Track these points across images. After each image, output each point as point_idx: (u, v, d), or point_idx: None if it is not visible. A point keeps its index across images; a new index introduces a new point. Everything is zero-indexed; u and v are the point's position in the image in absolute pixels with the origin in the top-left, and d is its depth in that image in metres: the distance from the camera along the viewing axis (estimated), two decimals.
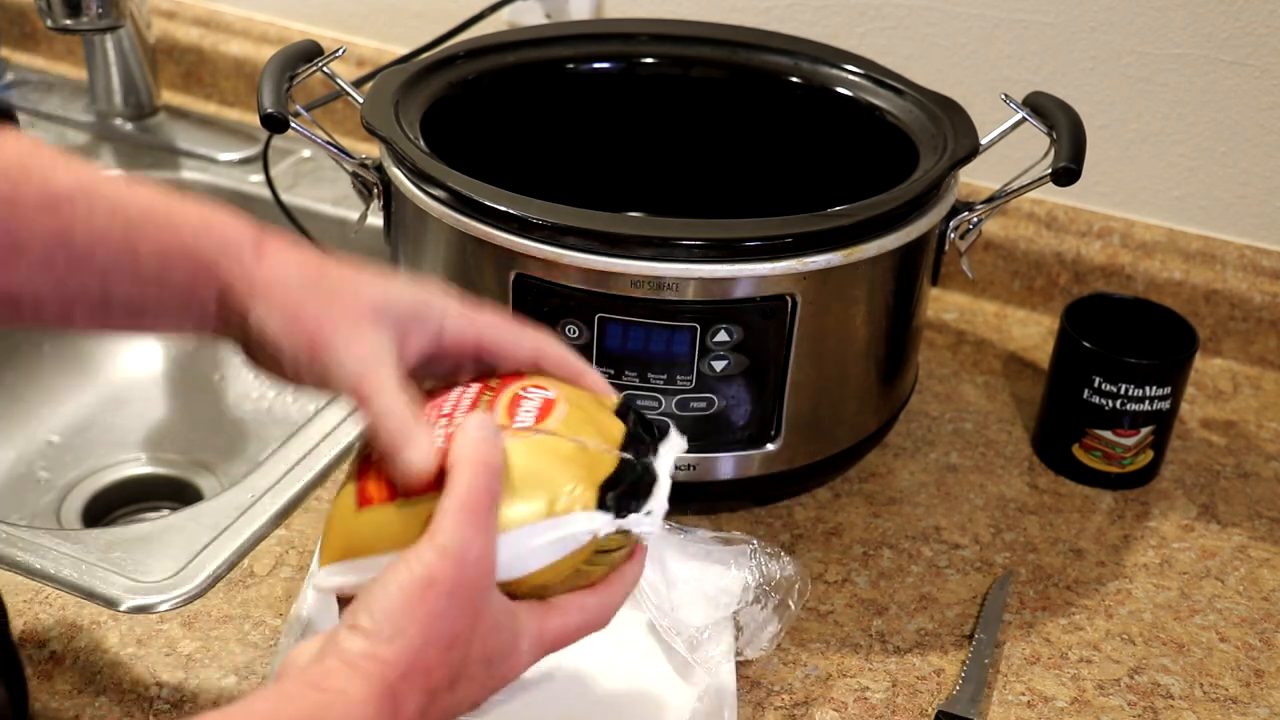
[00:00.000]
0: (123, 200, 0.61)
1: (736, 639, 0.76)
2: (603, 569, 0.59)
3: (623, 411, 0.62)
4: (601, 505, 0.56)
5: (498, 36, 0.98)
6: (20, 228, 0.59)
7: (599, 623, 0.60)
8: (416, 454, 0.56)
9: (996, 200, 0.87)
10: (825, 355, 0.82)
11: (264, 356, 0.61)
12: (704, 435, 0.82)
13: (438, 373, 0.63)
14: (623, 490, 0.57)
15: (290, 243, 0.62)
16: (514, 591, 0.57)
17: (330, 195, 1.20)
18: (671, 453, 0.61)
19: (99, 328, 0.63)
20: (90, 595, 0.79)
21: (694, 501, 0.87)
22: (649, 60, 1.00)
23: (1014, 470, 0.94)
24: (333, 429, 0.93)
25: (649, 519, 0.58)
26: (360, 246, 1.00)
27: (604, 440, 0.59)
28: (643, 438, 0.60)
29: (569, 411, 0.59)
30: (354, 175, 0.87)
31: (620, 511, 0.56)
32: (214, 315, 0.61)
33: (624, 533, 0.57)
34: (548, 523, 0.55)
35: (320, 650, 0.53)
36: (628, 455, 0.59)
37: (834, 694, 0.76)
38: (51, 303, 0.61)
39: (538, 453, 0.57)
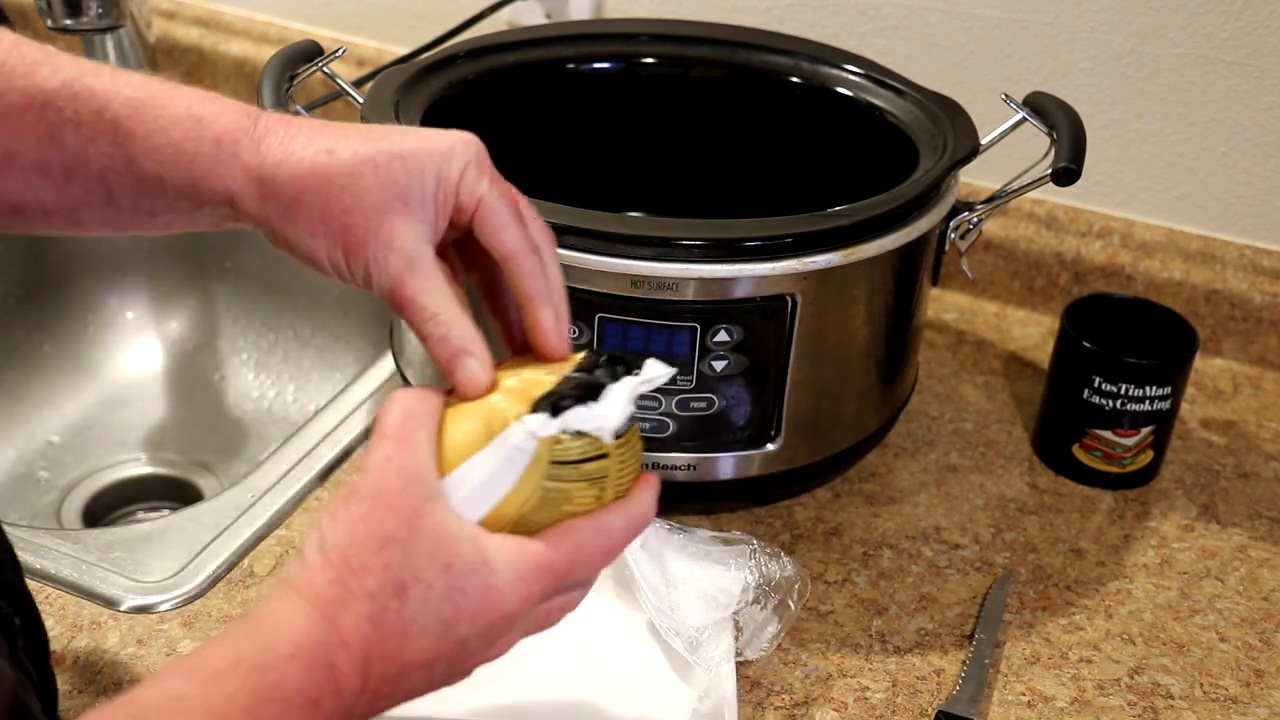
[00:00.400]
0: (109, 97, 0.58)
1: (736, 639, 0.76)
2: (583, 487, 0.55)
3: (588, 362, 0.58)
4: (535, 411, 0.54)
5: (498, 36, 0.98)
6: (8, 133, 0.57)
7: (599, 548, 0.56)
8: (475, 364, 0.56)
9: (996, 200, 0.87)
10: (825, 355, 0.82)
11: (296, 253, 0.59)
12: (704, 435, 0.82)
13: (460, 228, 0.60)
14: (558, 394, 0.55)
15: (286, 121, 0.58)
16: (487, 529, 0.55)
17: None
18: (646, 375, 0.57)
19: (115, 230, 0.61)
20: (90, 595, 0.79)
21: (694, 501, 0.87)
22: (649, 60, 1.00)
23: (1014, 470, 0.94)
24: (333, 429, 0.93)
25: (597, 415, 0.55)
26: None
27: (551, 373, 0.57)
28: (601, 365, 0.57)
29: (516, 360, 0.59)
30: None
31: (556, 411, 0.54)
32: (229, 214, 0.59)
33: (580, 435, 0.55)
34: (488, 449, 0.54)
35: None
36: (571, 374, 0.56)
37: (834, 694, 0.76)
38: (58, 210, 0.59)
39: (477, 398, 0.56)
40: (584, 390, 0.55)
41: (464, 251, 0.62)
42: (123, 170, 0.58)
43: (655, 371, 0.57)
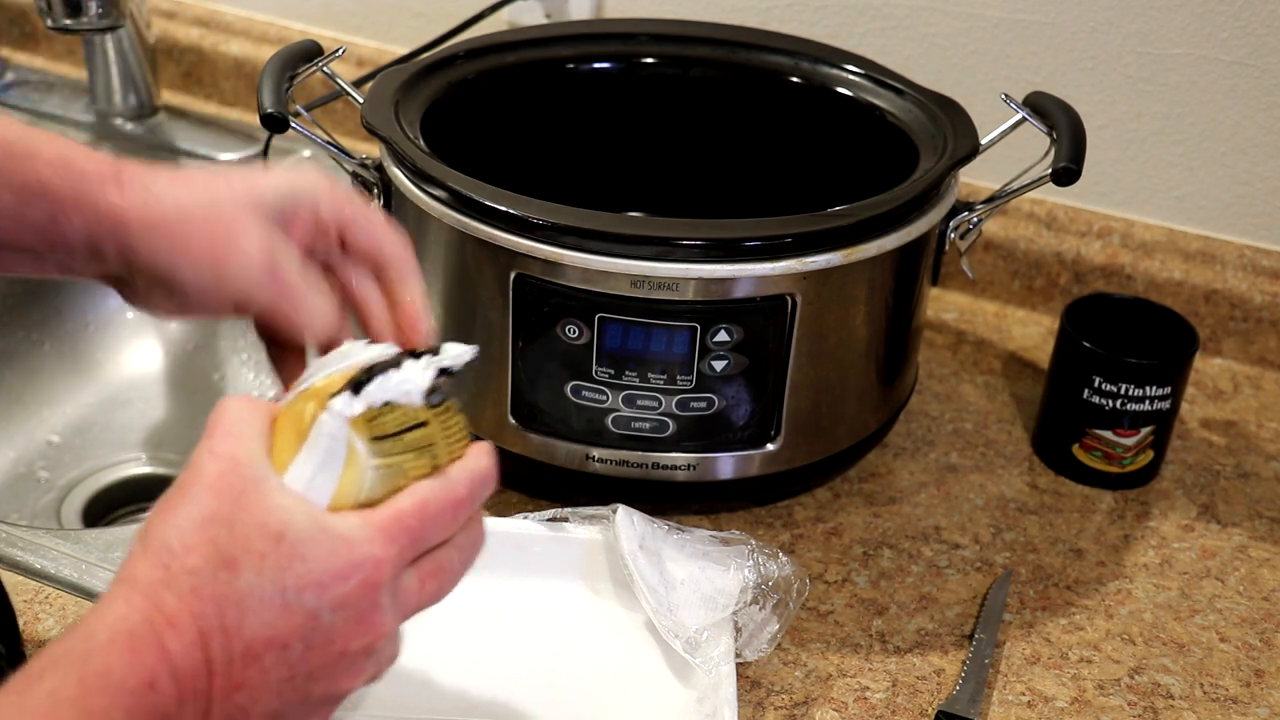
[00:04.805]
0: None
1: (735, 640, 0.76)
2: (413, 458, 0.55)
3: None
4: (337, 396, 0.54)
5: (498, 36, 0.98)
6: None
7: (447, 501, 0.54)
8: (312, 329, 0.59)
9: (996, 200, 0.87)
10: (825, 355, 0.82)
11: (156, 293, 0.60)
12: (704, 435, 0.82)
13: (318, 257, 0.62)
14: (355, 378, 0.54)
15: (148, 167, 0.61)
16: None
17: None
18: (450, 353, 0.57)
19: None
20: (90, 595, 0.79)
21: (694, 501, 0.87)
22: (649, 60, 1.00)
23: (1014, 470, 0.94)
24: None
25: (398, 382, 0.54)
26: None
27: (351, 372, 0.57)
28: (402, 354, 0.57)
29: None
30: (354, 175, 0.87)
31: (356, 390, 0.54)
32: (81, 255, 0.60)
33: (390, 406, 0.54)
34: (306, 446, 0.53)
35: None
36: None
37: (834, 694, 0.76)
38: None
39: (291, 405, 0.56)
40: (380, 367, 0.55)
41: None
42: None
43: (455, 350, 0.58)
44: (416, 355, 0.57)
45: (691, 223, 0.77)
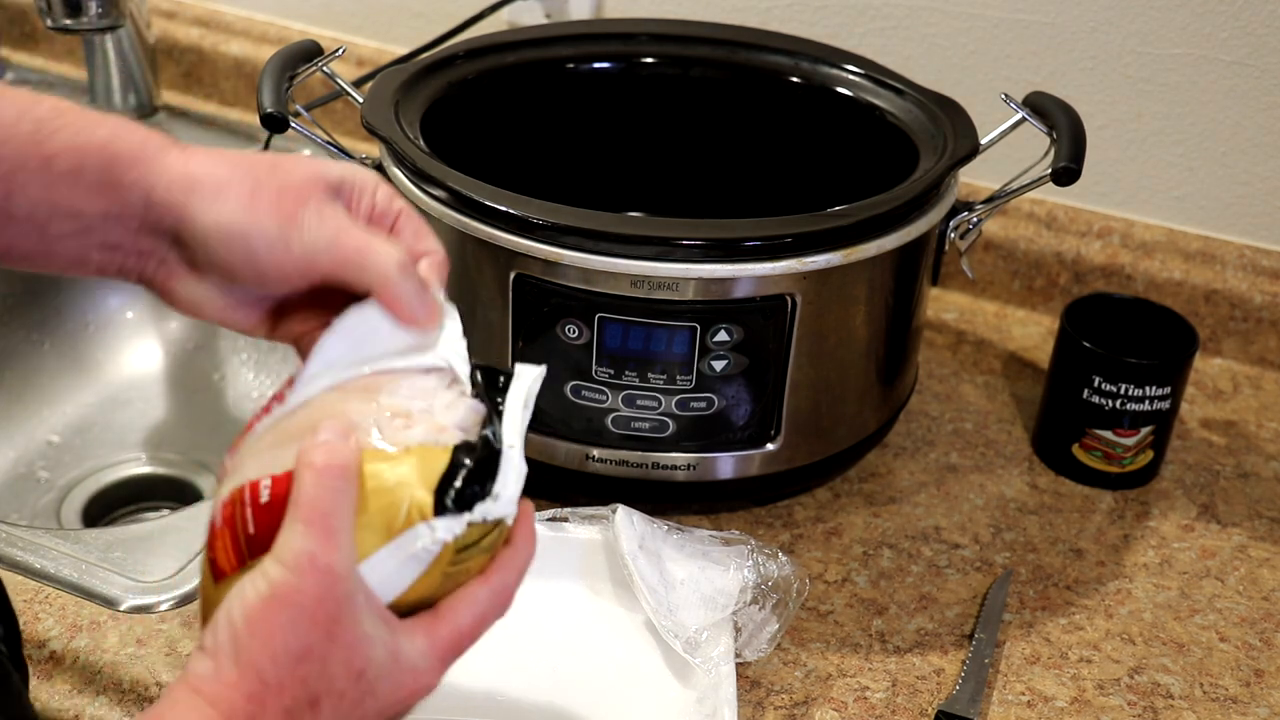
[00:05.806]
0: (29, 103, 0.58)
1: (735, 640, 0.76)
2: (481, 559, 0.55)
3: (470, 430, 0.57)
4: (440, 509, 0.52)
5: (498, 36, 0.98)
6: None
7: (496, 611, 0.56)
8: (427, 308, 0.57)
9: (996, 200, 0.87)
10: (825, 355, 0.82)
11: (211, 265, 0.58)
12: (704, 435, 0.82)
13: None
14: (461, 483, 0.53)
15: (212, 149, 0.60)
16: (394, 611, 0.54)
17: None
18: (518, 401, 0.56)
19: None
20: (90, 595, 0.79)
21: (694, 501, 0.87)
22: (649, 60, 1.00)
23: (1014, 470, 0.94)
24: None
25: (499, 502, 0.53)
26: None
27: (433, 423, 0.55)
28: (484, 398, 0.56)
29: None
30: None
31: (463, 507, 0.52)
32: (133, 224, 0.58)
33: (481, 523, 0.53)
34: (391, 547, 0.52)
35: (177, 678, 0.51)
36: (461, 438, 0.55)
37: (834, 694, 0.76)
38: None
39: (368, 468, 0.53)
40: (481, 469, 0.53)
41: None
42: (34, 168, 0.57)
43: (532, 374, 0.57)
44: (478, 390, 0.56)
45: (691, 223, 0.77)
